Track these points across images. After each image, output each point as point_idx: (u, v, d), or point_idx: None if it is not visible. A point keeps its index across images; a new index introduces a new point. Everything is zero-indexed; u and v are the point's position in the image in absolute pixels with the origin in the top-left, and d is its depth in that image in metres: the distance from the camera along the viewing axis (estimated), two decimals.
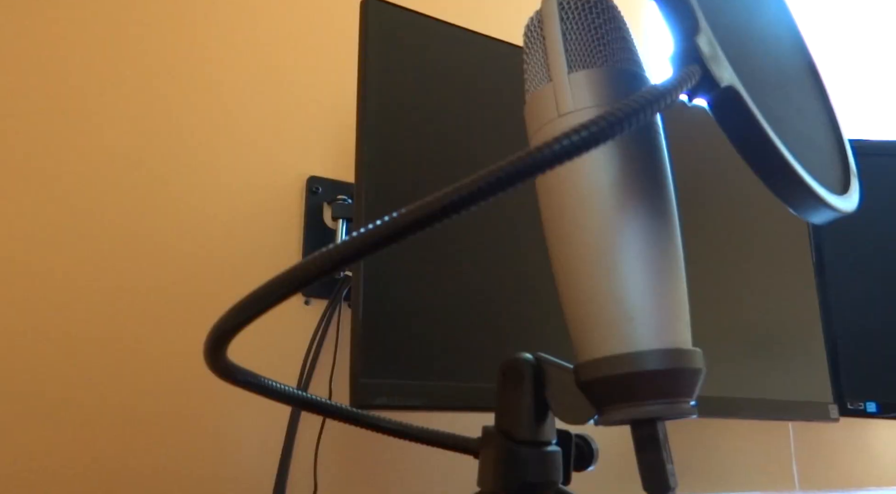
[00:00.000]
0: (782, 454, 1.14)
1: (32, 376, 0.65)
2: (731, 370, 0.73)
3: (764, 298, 0.78)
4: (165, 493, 0.68)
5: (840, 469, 1.20)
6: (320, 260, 0.26)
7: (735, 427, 1.10)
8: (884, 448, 1.27)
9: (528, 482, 0.35)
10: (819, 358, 0.79)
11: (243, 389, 0.35)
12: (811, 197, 0.29)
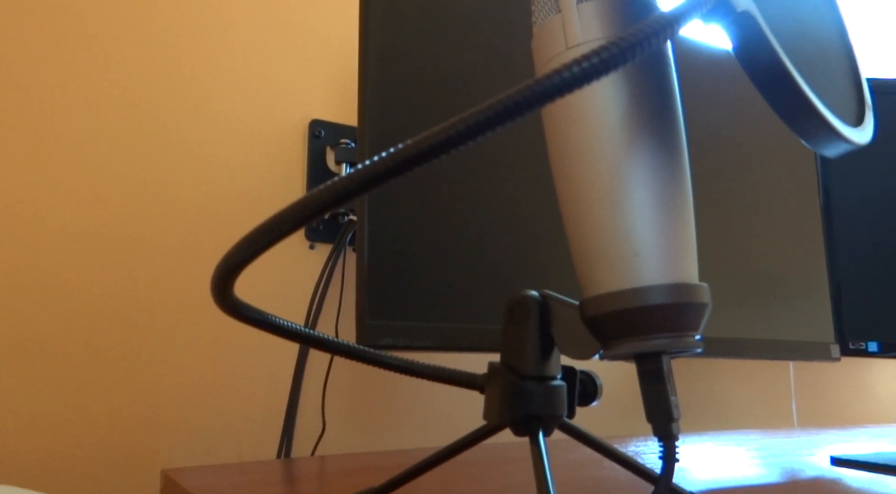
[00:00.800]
0: (782, 393, 1.16)
1: (41, 322, 0.65)
2: (734, 311, 0.74)
3: (769, 239, 0.78)
4: (175, 435, 0.69)
5: (839, 407, 1.22)
6: (325, 194, 0.26)
7: (736, 367, 1.11)
8: (883, 388, 1.28)
9: (533, 415, 0.36)
10: (822, 298, 0.79)
11: (251, 326, 0.35)
12: (824, 127, 0.28)
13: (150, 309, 0.70)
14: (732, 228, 0.76)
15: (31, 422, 0.63)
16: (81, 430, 0.65)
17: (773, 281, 0.76)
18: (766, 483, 0.52)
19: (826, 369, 1.22)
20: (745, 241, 0.76)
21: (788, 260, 0.78)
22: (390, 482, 0.41)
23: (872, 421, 1.25)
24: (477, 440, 0.38)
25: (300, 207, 0.26)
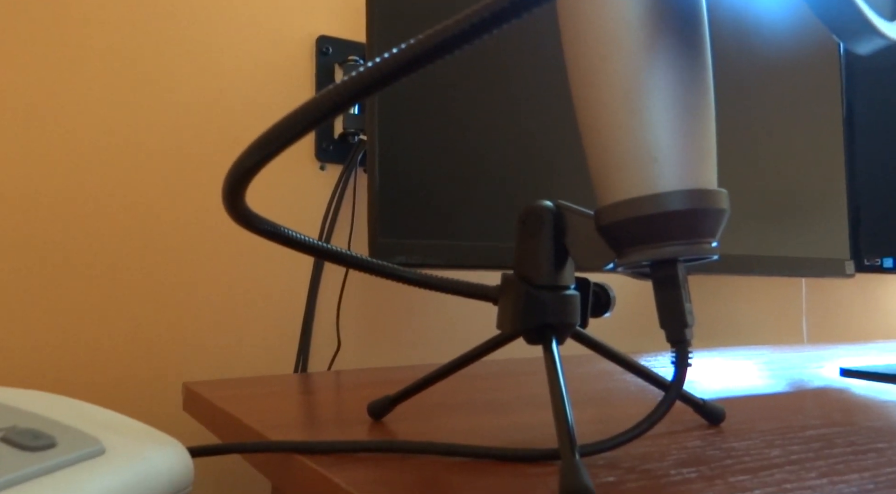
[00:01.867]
0: (793, 311, 1.17)
1: (57, 238, 0.66)
2: (749, 227, 0.73)
3: (789, 154, 0.76)
4: (194, 352, 0.71)
5: (850, 324, 1.23)
6: (334, 94, 0.25)
7: (748, 284, 1.12)
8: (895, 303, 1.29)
9: (546, 323, 0.36)
10: (840, 214, 0.78)
11: (263, 237, 0.35)
12: (858, 19, 0.27)
13: (165, 227, 0.70)
14: (751, 143, 0.74)
15: (55, 339, 0.65)
16: (105, 347, 0.67)
17: (791, 198, 0.75)
18: (775, 393, 0.53)
19: (838, 286, 1.22)
20: (763, 157, 0.74)
21: (807, 177, 0.77)
22: (404, 390, 0.42)
23: (883, 337, 1.26)
24: (490, 349, 0.39)
25: (310, 108, 0.25)
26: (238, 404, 0.49)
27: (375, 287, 0.82)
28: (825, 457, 0.33)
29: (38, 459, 0.24)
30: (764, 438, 0.37)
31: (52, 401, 0.32)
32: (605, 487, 0.29)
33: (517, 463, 0.32)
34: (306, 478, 0.33)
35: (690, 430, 0.39)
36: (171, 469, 0.30)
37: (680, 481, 0.29)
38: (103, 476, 0.26)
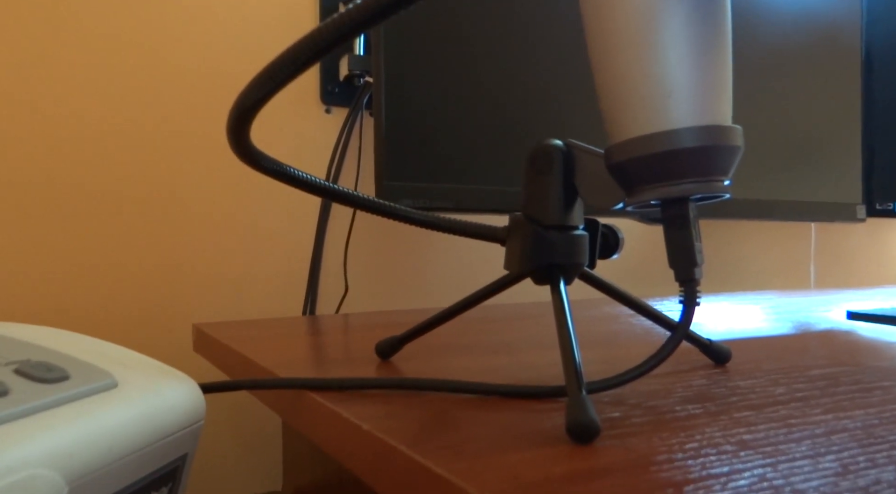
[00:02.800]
0: (801, 256, 1.16)
1: (58, 179, 0.66)
2: (760, 171, 0.72)
3: (804, 98, 0.74)
4: (202, 293, 0.71)
5: (857, 269, 1.23)
6: (338, 23, 0.24)
7: (756, 230, 1.11)
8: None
9: (554, 263, 0.36)
10: (853, 158, 0.77)
11: (268, 176, 0.35)
12: None
13: (173, 170, 0.70)
14: (763, 84, 0.72)
15: (62, 281, 0.65)
16: (113, 290, 0.67)
17: (804, 141, 0.74)
18: (781, 335, 0.53)
19: (848, 231, 1.21)
20: (776, 98, 0.73)
21: (822, 119, 0.75)
22: (412, 330, 0.42)
23: (893, 283, 1.26)
24: (498, 289, 0.39)
25: (314, 38, 0.24)
26: (248, 344, 0.49)
27: (382, 231, 0.82)
28: (830, 395, 0.33)
29: (52, 391, 0.25)
30: (769, 377, 0.37)
31: (65, 337, 0.32)
32: (611, 422, 0.29)
33: (524, 400, 0.33)
34: (316, 414, 0.34)
35: (696, 370, 0.39)
36: (183, 402, 0.30)
37: (685, 416, 0.29)
38: (116, 409, 0.26)
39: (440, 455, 0.25)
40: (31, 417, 0.23)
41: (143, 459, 0.27)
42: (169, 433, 0.29)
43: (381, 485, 0.28)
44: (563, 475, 0.23)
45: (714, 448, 0.25)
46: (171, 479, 0.30)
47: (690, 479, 0.22)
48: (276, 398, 0.39)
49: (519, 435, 0.27)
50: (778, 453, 0.24)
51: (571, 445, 0.26)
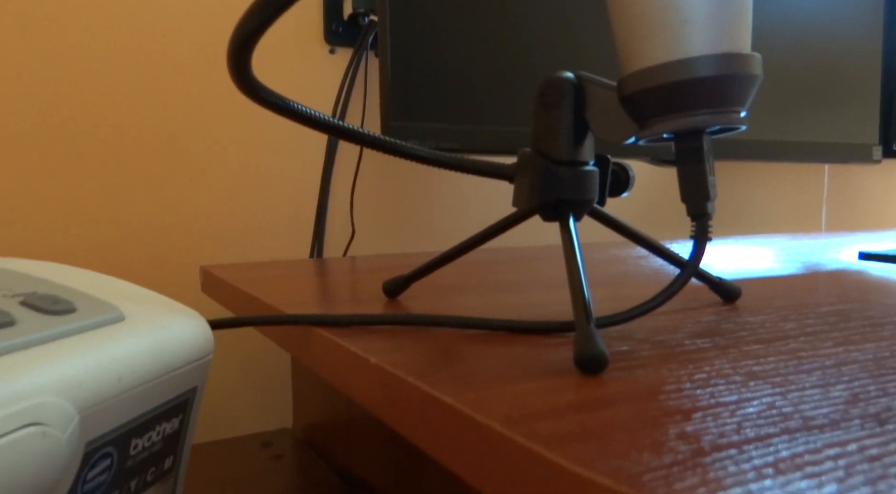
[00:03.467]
0: (813, 199, 1.15)
1: (62, 118, 0.65)
2: (774, 111, 0.70)
3: (823, 31, 0.72)
4: (209, 237, 0.71)
5: (870, 212, 1.21)
6: None
7: (768, 172, 1.10)
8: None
9: (563, 199, 0.35)
10: (871, 97, 0.75)
11: (271, 110, 0.34)
12: None
13: (179, 110, 0.69)
14: (780, 19, 0.70)
15: (66, 221, 0.65)
16: (119, 232, 0.67)
17: (820, 79, 0.72)
18: (791, 274, 0.53)
19: (862, 173, 1.19)
20: (792, 35, 0.70)
21: (841, 58, 0.73)
22: (419, 269, 0.42)
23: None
24: (506, 226, 0.38)
25: None
26: (256, 284, 0.49)
27: (389, 174, 0.81)
28: (841, 329, 0.33)
29: (59, 322, 0.25)
30: (779, 314, 0.37)
31: (71, 272, 0.32)
32: (619, 355, 0.29)
33: (531, 335, 0.33)
34: (324, 349, 0.34)
35: (705, 307, 0.39)
36: (190, 336, 0.30)
37: (694, 350, 0.29)
38: (124, 341, 0.26)
39: (448, 385, 0.25)
40: (39, 347, 0.23)
41: (152, 390, 0.28)
42: (177, 366, 0.29)
43: (389, 417, 0.28)
44: (570, 403, 0.23)
45: (723, 378, 0.25)
46: (182, 411, 0.31)
47: (699, 407, 0.22)
48: (283, 334, 0.39)
49: (526, 368, 0.27)
50: (787, 383, 0.24)
51: (579, 376, 0.26)
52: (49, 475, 0.22)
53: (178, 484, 0.32)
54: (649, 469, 0.17)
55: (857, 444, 0.19)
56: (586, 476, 0.17)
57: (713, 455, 0.18)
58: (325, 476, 0.54)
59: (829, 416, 0.21)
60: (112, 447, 0.26)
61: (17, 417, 0.21)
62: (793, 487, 0.16)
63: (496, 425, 0.21)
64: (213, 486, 0.52)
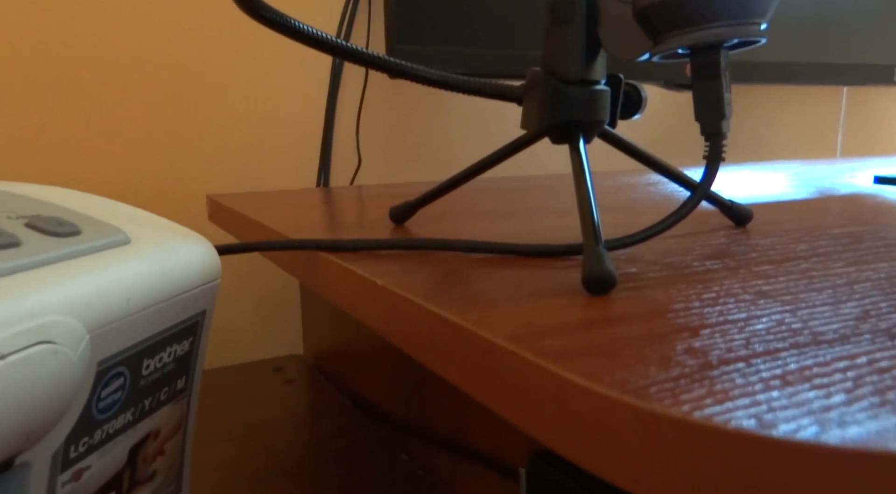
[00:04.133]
0: (829, 124, 1.12)
1: (64, 36, 0.63)
2: (792, 31, 0.68)
3: None
4: (215, 166, 0.71)
5: (888, 136, 1.19)
6: None
7: (782, 95, 1.07)
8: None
9: (574, 120, 0.34)
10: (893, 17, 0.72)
11: (270, 28, 0.33)
12: None
13: (181, 34, 0.67)
14: None
15: (72, 148, 0.65)
16: (124, 161, 0.67)
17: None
18: (804, 198, 0.52)
19: (881, 97, 1.16)
20: None
21: None
22: (426, 194, 0.42)
23: None
24: (515, 149, 0.38)
25: None
26: (263, 212, 0.49)
27: (395, 101, 0.79)
28: (853, 250, 0.32)
29: (64, 244, 0.25)
30: (790, 236, 0.37)
31: (75, 196, 0.32)
32: (627, 277, 0.29)
33: (539, 258, 0.32)
34: (330, 273, 0.34)
35: (716, 230, 0.39)
36: (197, 259, 0.30)
37: (703, 271, 0.29)
38: (130, 263, 0.26)
39: (454, 305, 0.25)
40: (45, 268, 0.23)
41: (161, 313, 0.28)
42: (185, 289, 0.29)
43: (396, 338, 0.28)
44: (578, 322, 0.23)
45: (732, 297, 0.25)
46: (192, 333, 0.31)
47: (707, 324, 0.22)
48: (290, 260, 0.40)
49: (534, 289, 0.27)
50: (797, 301, 0.24)
51: (587, 297, 0.26)
52: (62, 392, 0.22)
53: (191, 405, 0.33)
54: (656, 382, 0.17)
55: (867, 357, 0.18)
56: (592, 388, 0.17)
57: (720, 369, 0.18)
58: (335, 399, 0.55)
59: (839, 331, 0.21)
60: (124, 367, 0.26)
61: (28, 335, 0.21)
62: (800, 397, 0.16)
63: (502, 341, 0.21)
64: (226, 408, 0.53)
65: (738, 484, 0.15)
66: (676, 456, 0.16)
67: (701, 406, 0.16)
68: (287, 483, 0.42)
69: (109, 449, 0.27)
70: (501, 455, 0.36)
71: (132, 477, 0.29)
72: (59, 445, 0.24)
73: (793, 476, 0.14)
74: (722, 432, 0.15)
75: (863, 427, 0.14)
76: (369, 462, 0.44)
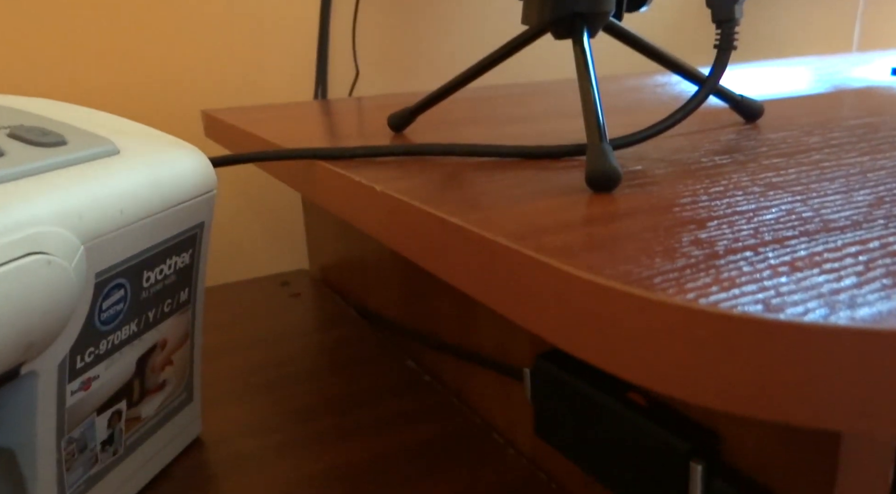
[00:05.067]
0: (846, 16, 1.08)
1: None
2: None
3: None
4: (205, 84, 0.69)
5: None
6: None
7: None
8: None
9: (577, 12, 0.32)
10: None
11: None
12: None
13: None
14: None
15: (66, 64, 0.63)
16: (118, 78, 0.65)
17: None
18: (817, 93, 0.50)
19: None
20: None
21: None
22: (425, 100, 0.40)
23: None
24: (517, 47, 0.36)
25: None
26: (260, 125, 0.48)
27: (391, 9, 0.76)
28: (868, 141, 0.31)
29: (50, 154, 0.24)
30: (802, 129, 0.35)
31: (60, 107, 0.31)
32: (633, 174, 0.28)
33: (542, 160, 0.31)
34: (328, 181, 0.33)
35: (725, 127, 0.37)
36: (191, 170, 0.29)
37: (711, 166, 0.28)
38: (120, 174, 0.26)
39: (455, 208, 0.24)
40: (32, 178, 0.23)
41: (157, 224, 0.27)
42: (180, 200, 0.29)
43: (397, 244, 0.28)
44: (580, 218, 0.22)
45: (741, 190, 0.24)
46: (191, 246, 0.31)
47: (714, 216, 0.21)
48: (288, 170, 0.39)
49: (536, 190, 0.26)
50: (808, 191, 0.23)
51: (591, 194, 0.25)
52: (61, 303, 0.22)
53: (196, 316, 0.33)
54: (660, 273, 0.17)
55: (880, 242, 0.18)
56: (595, 281, 0.17)
57: (727, 258, 0.18)
58: (342, 310, 0.56)
59: (851, 218, 0.20)
60: (124, 278, 0.26)
61: (19, 245, 0.20)
62: (809, 282, 0.16)
63: (504, 240, 0.21)
64: (235, 322, 0.54)
65: (745, 371, 0.14)
66: (681, 345, 0.15)
67: (706, 294, 0.15)
68: (297, 389, 0.43)
69: (117, 360, 0.27)
70: (506, 358, 0.36)
71: (142, 387, 0.30)
72: (64, 355, 0.24)
73: (801, 360, 0.14)
74: (727, 318, 0.14)
75: (874, 308, 0.14)
76: (377, 369, 0.45)
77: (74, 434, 0.26)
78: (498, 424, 0.38)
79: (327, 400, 0.41)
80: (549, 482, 0.33)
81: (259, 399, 0.42)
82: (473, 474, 0.34)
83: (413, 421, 0.38)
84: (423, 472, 0.34)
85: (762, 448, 0.22)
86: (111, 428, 0.28)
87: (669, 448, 0.25)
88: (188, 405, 0.34)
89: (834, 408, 0.14)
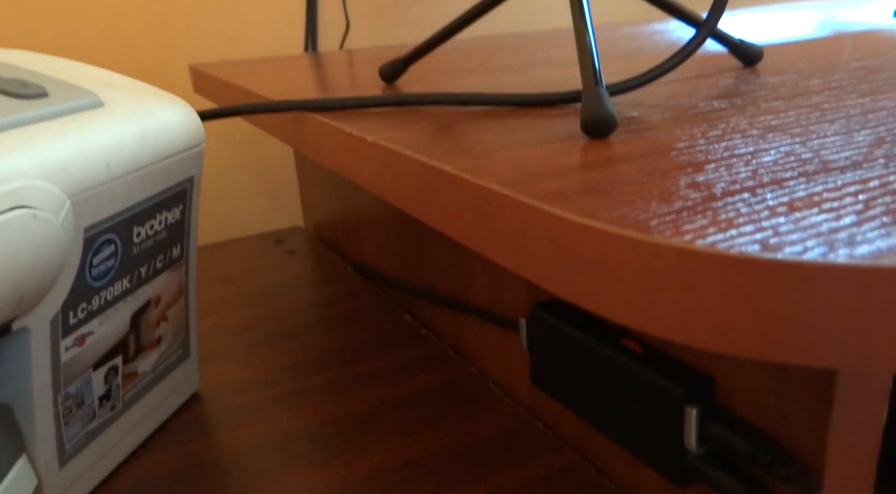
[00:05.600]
0: None
1: None
2: None
3: None
4: (193, 39, 0.67)
5: None
6: None
7: None
8: None
9: None
10: None
11: None
12: None
13: None
14: None
15: (51, 14, 0.61)
16: (106, 33, 0.63)
17: None
18: (818, 37, 0.49)
19: None
20: None
21: None
22: (417, 49, 0.39)
23: None
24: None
25: None
26: (249, 78, 0.47)
27: None
28: (869, 82, 0.31)
29: (30, 106, 0.23)
30: (802, 73, 0.35)
31: (42, 58, 0.30)
32: (629, 120, 0.27)
33: (537, 108, 0.31)
34: (319, 133, 0.33)
35: (723, 72, 0.37)
36: (178, 123, 0.29)
37: (709, 111, 0.28)
38: (104, 127, 0.25)
39: (447, 156, 0.24)
40: (12, 131, 0.22)
41: (145, 178, 0.27)
42: (168, 154, 0.28)
43: (390, 195, 0.28)
44: (575, 164, 0.22)
45: (739, 133, 0.24)
46: (182, 200, 0.30)
47: (712, 159, 0.21)
48: (279, 123, 0.38)
49: (530, 137, 0.26)
50: (808, 133, 0.23)
51: (586, 140, 0.25)
52: (48, 257, 0.22)
53: (189, 272, 0.33)
54: (656, 216, 0.17)
55: (880, 181, 0.18)
56: (590, 225, 0.17)
57: (725, 200, 0.17)
58: (338, 266, 0.56)
59: (851, 158, 0.20)
60: (114, 233, 0.26)
61: (2, 200, 0.20)
62: (808, 222, 0.15)
63: (497, 187, 0.20)
64: (230, 279, 0.54)
65: (742, 311, 0.14)
66: (677, 287, 0.15)
67: (703, 235, 0.15)
68: (295, 343, 0.43)
69: (110, 316, 0.27)
70: (503, 310, 0.36)
71: (138, 343, 0.30)
72: (56, 311, 0.24)
73: (799, 299, 0.14)
74: (724, 258, 0.14)
75: (873, 245, 0.14)
76: (374, 323, 0.45)
77: (71, 390, 0.26)
78: (495, 375, 0.38)
79: (325, 354, 0.42)
80: (546, 430, 0.33)
81: (257, 354, 0.42)
82: (471, 424, 0.34)
83: (411, 374, 0.39)
84: (420, 423, 0.34)
85: (757, 390, 0.22)
86: (108, 384, 0.28)
87: (665, 392, 0.25)
88: (185, 360, 0.34)
89: (832, 347, 0.14)
